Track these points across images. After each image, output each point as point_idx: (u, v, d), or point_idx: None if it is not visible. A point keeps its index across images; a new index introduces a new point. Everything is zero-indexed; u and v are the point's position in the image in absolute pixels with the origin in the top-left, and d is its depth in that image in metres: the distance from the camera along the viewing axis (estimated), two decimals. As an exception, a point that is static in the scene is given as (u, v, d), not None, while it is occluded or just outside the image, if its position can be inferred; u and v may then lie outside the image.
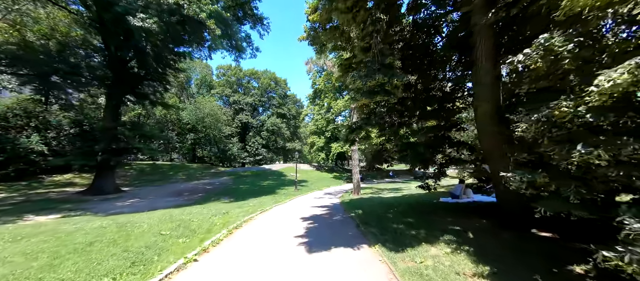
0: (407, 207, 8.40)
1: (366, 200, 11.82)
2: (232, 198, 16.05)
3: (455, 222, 6.05)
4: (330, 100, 35.38)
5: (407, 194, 14.28)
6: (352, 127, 8.35)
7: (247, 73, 48.41)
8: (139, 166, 32.47)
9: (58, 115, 25.23)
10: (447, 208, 8.28)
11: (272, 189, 21.29)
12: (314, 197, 15.72)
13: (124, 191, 19.45)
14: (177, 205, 13.47)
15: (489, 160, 5.92)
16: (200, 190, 20.79)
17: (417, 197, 11.98)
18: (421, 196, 12.01)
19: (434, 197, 11.07)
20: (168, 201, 15.59)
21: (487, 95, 5.36)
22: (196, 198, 16.81)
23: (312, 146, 39.36)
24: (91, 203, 14.80)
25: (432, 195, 11.15)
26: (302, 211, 9.16)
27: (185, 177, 29.21)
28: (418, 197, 11.70)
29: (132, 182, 24.64)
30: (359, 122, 8.01)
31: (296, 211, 9.17)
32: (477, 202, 9.15)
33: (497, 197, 5.94)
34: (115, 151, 16.95)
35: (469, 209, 7.99)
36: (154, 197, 17.54)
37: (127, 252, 4.36)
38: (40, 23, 18.29)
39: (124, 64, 17.73)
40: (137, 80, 19.11)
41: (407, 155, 7.85)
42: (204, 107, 37.77)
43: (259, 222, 7.28)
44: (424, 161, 7.83)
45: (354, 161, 16.23)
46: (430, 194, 11.45)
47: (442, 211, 7.52)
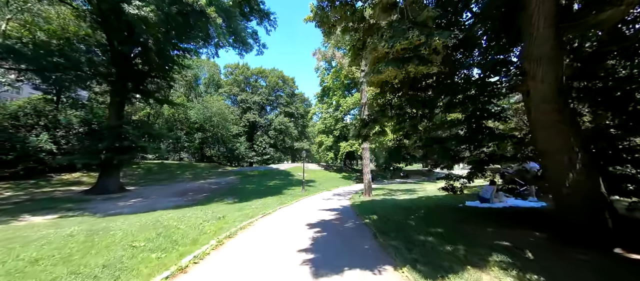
0: (430, 212, 7.19)
1: (379, 203, 10.63)
2: (237, 199, 15.23)
3: (499, 234, 4.81)
4: (338, 98, 34.23)
5: (423, 196, 12.97)
6: (365, 120, 7.22)
7: (255, 72, 47.91)
8: (147, 165, 32.44)
9: (68, 114, 25.38)
10: (478, 214, 7.00)
11: (278, 189, 20.39)
12: (322, 199, 14.65)
13: (129, 190, 19.06)
14: (178, 205, 12.73)
15: (545, 157, 4.65)
16: (205, 190, 20.16)
17: (436, 199, 10.68)
18: (441, 199, 10.72)
19: (456, 200, 9.77)
20: (170, 201, 14.95)
21: (546, 72, 4.12)
22: (200, 198, 16.09)
23: (320, 145, 38.30)
24: (93, 203, 14.33)
25: (454, 199, 9.86)
26: (308, 215, 8.10)
27: (192, 177, 28.82)
28: (437, 200, 10.41)
29: (138, 181, 24.39)
30: (374, 114, 6.86)
31: (302, 216, 8.12)
32: (513, 207, 7.79)
33: (555, 202, 4.66)
34: (118, 149, 16.50)
35: (507, 216, 6.69)
36: (157, 196, 16.98)
37: (74, 276, 3.46)
38: (51, 23, 18.16)
39: (128, 60, 17.27)
40: (142, 77, 18.65)
41: (432, 152, 6.66)
42: (211, 106, 37.45)
43: (257, 229, 6.27)
44: (454, 158, 6.60)
45: (365, 160, 15.02)
46: (452, 197, 10.16)
47: (475, 219, 6.27)
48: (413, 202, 10.36)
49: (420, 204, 9.74)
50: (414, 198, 12.20)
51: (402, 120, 6.91)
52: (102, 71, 15.47)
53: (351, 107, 33.36)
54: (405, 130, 7.18)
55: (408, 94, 6.74)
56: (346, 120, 37.76)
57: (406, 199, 11.92)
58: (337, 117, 35.05)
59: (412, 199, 11.66)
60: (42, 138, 21.75)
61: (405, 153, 7.23)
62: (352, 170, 42.08)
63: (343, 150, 31.96)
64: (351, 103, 31.48)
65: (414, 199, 11.73)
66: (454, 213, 7.14)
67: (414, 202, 10.29)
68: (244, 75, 47.10)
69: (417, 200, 11.35)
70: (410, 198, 12.22)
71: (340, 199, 14.27)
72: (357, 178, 33.03)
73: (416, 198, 12.05)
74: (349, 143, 31.77)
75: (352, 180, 31.45)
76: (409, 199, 11.85)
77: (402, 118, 6.82)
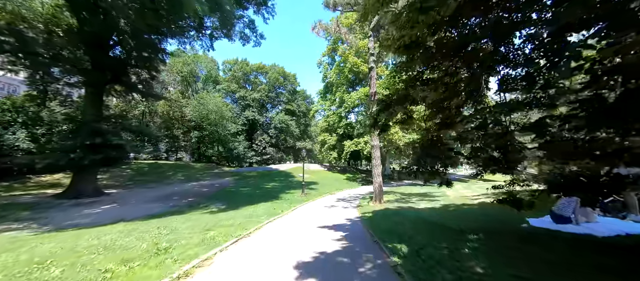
0: (490, 239, 4.67)
1: (397, 216, 8.27)
2: (225, 205, 13.05)
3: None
4: (342, 93, 31.89)
5: (450, 205, 10.60)
6: (386, 102, 4.89)
7: (254, 68, 45.80)
8: (139, 165, 30.51)
9: (56, 112, 23.52)
10: (572, 244, 4.51)
11: (275, 193, 18.15)
12: (324, 206, 12.37)
13: (107, 194, 17.02)
14: (149, 215, 10.56)
15: None
16: (193, 194, 18.02)
17: (474, 213, 8.27)
18: (481, 212, 8.28)
19: (504, 214, 7.36)
20: (147, 208, 12.84)
21: None
22: (182, 204, 13.93)
23: (323, 144, 36.02)
24: (55, 210, 12.28)
25: (500, 212, 7.46)
26: (302, 240, 5.65)
27: (184, 178, 26.75)
28: (477, 215, 8.00)
29: (124, 183, 22.39)
30: (401, 91, 4.54)
31: (293, 239, 5.78)
32: (629, 234, 5.17)
33: None
34: (91, 148, 14.40)
35: (624, 252, 4.22)
36: (136, 202, 14.88)
37: None
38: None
39: (104, 47, 15.20)
40: (121, 66, 16.57)
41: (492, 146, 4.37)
42: (208, 103, 35.40)
43: (217, 272, 3.95)
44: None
45: (375, 160, 12.69)
46: (494, 209, 7.74)
47: (580, 258, 3.86)
48: (443, 215, 8.00)
49: (457, 219, 7.34)
50: (437, 207, 9.87)
51: (439, 101, 4.60)
52: (69, 57, 13.36)
53: (356, 103, 31.02)
54: (444, 117, 4.87)
55: (451, 59, 4.41)
56: (351, 118, 35.45)
57: (430, 209, 9.58)
58: (341, 114, 32.74)
59: (438, 210, 9.31)
60: (20, 136, 19.90)
61: (446, 150, 4.89)
62: (357, 171, 39.70)
63: (347, 149, 29.65)
64: (356, 98, 29.14)
65: (440, 210, 9.37)
66: (534, 244, 4.70)
67: (445, 216, 7.93)
68: (243, 71, 45.00)
69: (446, 211, 8.98)
70: (433, 207, 9.89)
71: (345, 207, 11.96)
72: (363, 180, 30.66)
73: (441, 208, 9.69)
74: (354, 142, 29.43)
75: (357, 182, 29.10)
76: (433, 209, 9.50)
77: (439, 100, 4.51)
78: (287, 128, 44.30)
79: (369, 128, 5.82)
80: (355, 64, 29.54)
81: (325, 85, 38.00)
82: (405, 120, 5.45)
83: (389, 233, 5.54)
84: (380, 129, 5.57)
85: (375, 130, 5.75)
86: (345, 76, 32.44)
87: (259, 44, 26.05)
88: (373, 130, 5.79)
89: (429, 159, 5.16)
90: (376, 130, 5.72)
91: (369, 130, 5.86)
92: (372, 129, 5.74)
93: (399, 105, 4.83)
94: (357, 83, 34.36)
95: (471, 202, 10.30)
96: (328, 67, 37.56)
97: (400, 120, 5.45)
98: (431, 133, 5.20)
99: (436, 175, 5.33)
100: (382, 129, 5.49)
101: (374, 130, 5.80)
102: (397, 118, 5.47)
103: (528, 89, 4.74)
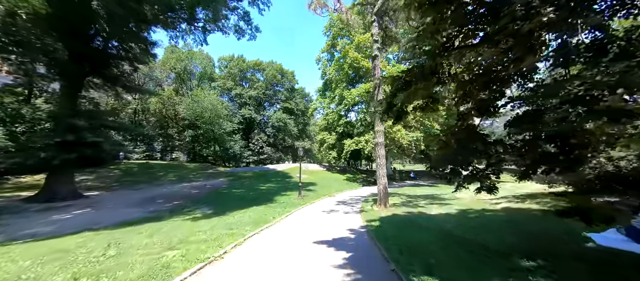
0: (559, 268, 3.30)
1: (411, 225, 6.94)
2: (211, 210, 11.70)
3: None
4: (342, 90, 30.53)
5: (469, 211, 9.26)
6: (406, 79, 3.56)
7: (251, 65, 44.36)
8: (129, 165, 29.08)
9: (39, 108, 22.07)
10: None
11: (270, 195, 16.80)
12: (322, 211, 11.03)
13: (86, 197, 15.65)
14: (123, 222, 9.22)
15: None
16: (180, 196, 16.64)
17: (505, 221, 6.89)
18: (510, 218, 6.92)
19: (539, 222, 6.02)
20: (124, 213, 11.49)
21: None
22: (164, 209, 12.55)
23: (322, 144, 34.64)
24: (19, 216, 10.91)
25: (544, 220, 6.10)
26: (291, 265, 4.27)
27: (176, 179, 25.34)
28: (508, 223, 6.63)
29: (110, 185, 20.97)
30: (427, 64, 3.20)
31: (278, 266, 4.37)
32: None
33: None
34: (64, 146, 13.01)
35: None
36: (114, 206, 13.50)
37: None
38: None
39: (80, 37, 13.79)
40: (101, 57, 15.17)
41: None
42: (202, 101, 33.94)
43: None
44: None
45: (379, 159, 11.35)
46: (522, 215, 6.40)
47: None
48: (466, 224, 6.65)
49: (486, 231, 5.99)
50: (453, 213, 8.54)
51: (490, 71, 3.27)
52: (37, 45, 11.93)
53: (356, 101, 29.66)
54: (490, 94, 3.51)
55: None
56: (350, 117, 34.09)
57: (445, 216, 8.24)
58: (340, 111, 31.39)
59: (456, 217, 7.96)
60: (-5, 135, 18.44)
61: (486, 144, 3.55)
62: (357, 171, 38.37)
63: (347, 148, 28.29)
64: (356, 95, 27.80)
65: (458, 216, 8.03)
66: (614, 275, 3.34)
67: (469, 226, 6.58)
68: (240, 68, 43.53)
69: (466, 218, 7.64)
70: (449, 213, 8.56)
71: (347, 212, 10.62)
72: (364, 181, 29.35)
73: (458, 214, 8.34)
74: (354, 141, 28.10)
75: (358, 183, 27.78)
76: (450, 216, 8.16)
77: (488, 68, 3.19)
78: (285, 127, 42.89)
79: (380, 115, 4.48)
80: (356, 59, 28.20)
81: (325, 82, 36.65)
82: (427, 105, 4.10)
83: (408, 254, 4.17)
84: (395, 117, 4.22)
85: (389, 118, 4.41)
86: (345, 72, 31.08)
87: (254, 37, 24.73)
88: (385, 118, 4.46)
89: (464, 157, 3.83)
90: (390, 118, 4.38)
91: (382, 116, 4.51)
92: (386, 116, 4.40)
93: (423, 82, 3.49)
94: (357, 80, 33.02)
95: (492, 207, 9.00)
96: (327, 63, 36.21)
97: (422, 106, 4.12)
98: (465, 120, 3.88)
99: (479, 179, 3.97)
100: (397, 117, 4.16)
101: (387, 118, 4.46)
102: (418, 103, 4.13)
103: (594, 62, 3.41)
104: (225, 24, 23.28)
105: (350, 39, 31.85)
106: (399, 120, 4.23)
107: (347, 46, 29.80)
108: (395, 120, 4.21)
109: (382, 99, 4.52)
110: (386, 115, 4.29)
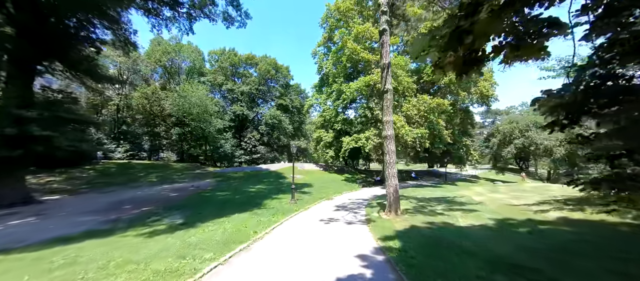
0: None
1: (446, 247, 4.91)
2: (183, 219, 9.53)
3: None
4: (339, 85, 28.46)
5: (510, 221, 7.26)
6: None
7: (243, 59, 41.96)
8: (107, 165, 26.59)
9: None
10: None
11: (259, 199, 14.64)
12: (320, 220, 8.93)
13: (39, 201, 13.28)
14: (53, 239, 7.04)
15: None
16: (154, 201, 14.35)
17: (605, 244, 4.87)
18: (622, 240, 4.91)
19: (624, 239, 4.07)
20: (73, 224, 9.25)
21: None
22: (126, 217, 10.29)
23: (319, 142, 32.52)
24: None
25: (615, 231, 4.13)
26: None
27: (158, 180, 22.97)
28: (615, 246, 4.63)
29: (78, 187, 18.58)
30: None
31: None
32: None
33: None
34: (6, 141, 10.71)
35: None
36: (68, 213, 11.21)
37: None
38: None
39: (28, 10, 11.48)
40: (61, 39, 12.86)
41: None
42: (190, 96, 31.47)
43: None
44: None
45: (389, 155, 9.29)
46: (626, 235, 4.42)
47: None
48: (536, 248, 4.62)
49: (584, 258, 4.01)
50: (490, 224, 6.54)
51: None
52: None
53: (355, 96, 27.62)
54: None
55: None
56: (348, 114, 32.06)
57: (482, 229, 6.22)
58: (338, 108, 29.33)
59: (500, 232, 5.94)
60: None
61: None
62: (356, 171, 36.37)
63: (346, 146, 26.24)
64: (356, 89, 25.76)
65: (501, 231, 6.02)
66: None
67: (542, 249, 4.58)
68: (231, 62, 41.08)
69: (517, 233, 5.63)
70: (485, 224, 6.56)
71: (350, 222, 8.55)
72: (363, 181, 27.34)
73: (498, 227, 6.32)
74: (354, 138, 26.07)
75: (357, 184, 25.75)
76: (489, 229, 6.14)
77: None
78: (279, 124, 40.60)
79: (439, 51, 2.42)
80: (355, 50, 26.18)
81: (321, 77, 34.59)
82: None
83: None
84: (465, 57, 2.24)
85: (450, 61, 2.38)
86: (343, 66, 29.05)
87: (244, 25, 22.54)
88: (444, 60, 2.41)
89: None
90: (450, 61, 2.36)
91: (440, 56, 2.46)
92: (445, 56, 2.37)
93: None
94: (356, 75, 31.04)
95: (541, 217, 7.07)
96: (324, 57, 34.15)
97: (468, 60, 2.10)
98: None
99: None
100: (470, 58, 2.20)
101: (447, 60, 2.42)
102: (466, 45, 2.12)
103: None
104: (212, 10, 21.09)
105: (349, 30, 29.84)
106: (473, 65, 2.30)
107: (345, 37, 27.77)
108: (466, 65, 2.28)
109: (418, 36, 2.45)
110: (449, 52, 2.31)
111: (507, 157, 38.20)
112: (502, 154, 38.24)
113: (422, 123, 24.50)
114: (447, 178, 34.04)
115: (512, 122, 38.29)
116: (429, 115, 24.39)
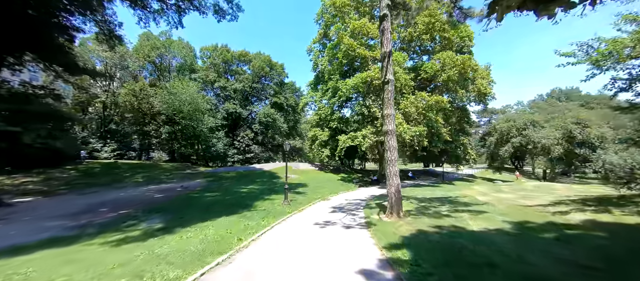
0: None
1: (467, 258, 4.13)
2: (163, 223, 8.59)
3: None
4: (335, 82, 27.62)
5: (528, 223, 6.60)
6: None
7: (236, 56, 40.76)
8: (91, 165, 25.24)
9: None
10: None
11: (250, 200, 13.72)
12: (314, 224, 8.10)
13: (8, 204, 12.12)
14: (2, 250, 5.94)
15: None
16: (136, 203, 13.30)
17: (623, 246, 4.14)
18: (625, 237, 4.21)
19: None
20: (36, 230, 8.25)
21: None
22: (99, 221, 9.29)
23: (314, 141, 31.64)
24: None
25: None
26: None
27: (144, 180, 21.78)
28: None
29: (56, 189, 17.34)
30: None
31: None
32: None
33: None
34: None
35: None
36: (37, 217, 10.15)
37: None
38: None
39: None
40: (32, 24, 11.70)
41: None
42: (180, 93, 30.21)
43: None
44: None
45: (390, 151, 8.50)
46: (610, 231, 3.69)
47: None
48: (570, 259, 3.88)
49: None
50: (506, 228, 5.82)
51: None
52: None
53: (351, 93, 26.81)
54: None
55: None
56: (344, 113, 31.27)
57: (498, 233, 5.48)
58: (334, 106, 28.49)
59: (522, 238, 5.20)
60: None
61: None
62: (352, 171, 35.64)
63: (342, 144, 25.43)
64: (352, 85, 24.96)
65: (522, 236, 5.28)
66: None
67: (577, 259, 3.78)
68: (224, 59, 39.84)
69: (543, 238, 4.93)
70: (501, 229, 5.82)
71: (348, 226, 7.73)
72: (360, 181, 26.61)
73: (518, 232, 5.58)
74: (350, 137, 25.30)
75: (354, 183, 25.01)
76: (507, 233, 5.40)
77: None
78: (273, 123, 39.55)
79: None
80: (351, 46, 25.37)
81: (316, 74, 33.69)
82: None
83: None
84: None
85: None
86: (339, 62, 28.22)
87: (235, 18, 21.41)
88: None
89: None
90: None
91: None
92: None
93: None
94: (351, 73, 30.25)
95: (563, 219, 6.37)
96: (319, 54, 33.24)
97: None
98: None
99: None
100: None
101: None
102: None
103: None
104: (202, 2, 20.00)
105: (345, 26, 29.04)
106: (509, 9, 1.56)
107: (342, 33, 26.96)
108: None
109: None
110: None
111: (504, 156, 37.93)
112: (499, 153, 37.97)
113: (420, 121, 23.86)
114: (444, 177, 33.58)
115: (509, 121, 38.06)
116: (427, 112, 23.76)
